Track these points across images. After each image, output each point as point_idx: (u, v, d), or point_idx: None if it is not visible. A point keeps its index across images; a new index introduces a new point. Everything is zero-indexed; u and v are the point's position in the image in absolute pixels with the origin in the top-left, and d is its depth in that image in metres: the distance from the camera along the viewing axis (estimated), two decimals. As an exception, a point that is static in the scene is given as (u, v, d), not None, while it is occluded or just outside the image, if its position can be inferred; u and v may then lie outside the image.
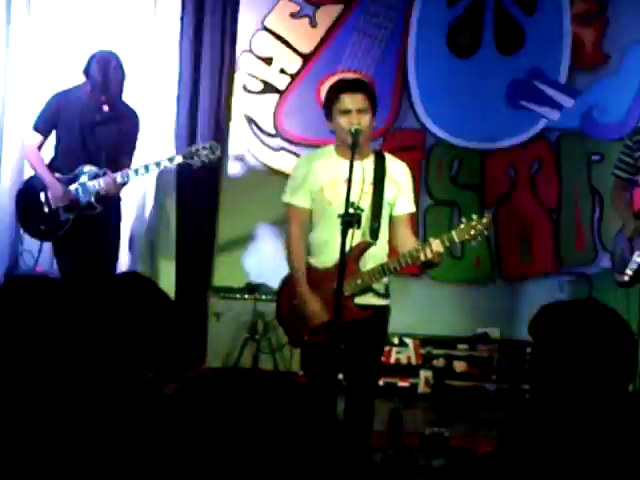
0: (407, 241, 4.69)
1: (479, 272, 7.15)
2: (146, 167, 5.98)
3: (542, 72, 7.04)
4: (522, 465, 2.39)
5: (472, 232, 4.56)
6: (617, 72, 6.95)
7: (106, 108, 6.00)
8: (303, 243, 4.79)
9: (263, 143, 7.24)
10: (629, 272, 5.46)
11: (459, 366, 6.84)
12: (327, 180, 4.69)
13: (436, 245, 4.51)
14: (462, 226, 4.57)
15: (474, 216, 4.59)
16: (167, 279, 6.94)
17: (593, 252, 6.99)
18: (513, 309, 6.99)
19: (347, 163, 4.58)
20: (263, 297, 6.71)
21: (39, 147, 6.07)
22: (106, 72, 5.90)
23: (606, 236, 6.72)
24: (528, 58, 7.05)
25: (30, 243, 6.69)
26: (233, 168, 7.18)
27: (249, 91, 7.24)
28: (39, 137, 6.06)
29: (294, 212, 4.79)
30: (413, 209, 4.84)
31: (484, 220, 4.58)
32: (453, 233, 4.57)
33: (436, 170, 7.18)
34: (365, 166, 4.64)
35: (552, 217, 7.09)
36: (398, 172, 4.78)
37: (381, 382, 5.21)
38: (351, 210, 4.39)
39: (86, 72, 5.97)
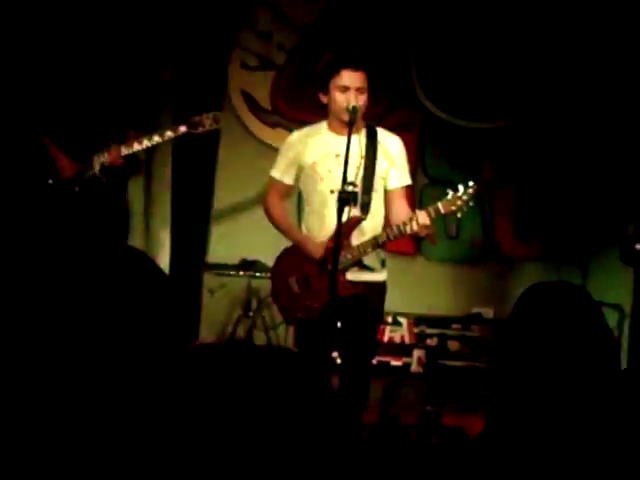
0: (402, 214, 4.67)
1: (474, 252, 7.16)
2: (150, 137, 5.96)
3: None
4: (512, 444, 2.39)
5: (458, 203, 4.55)
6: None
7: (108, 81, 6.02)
8: (282, 205, 4.84)
9: (260, 119, 7.22)
10: None
11: (452, 345, 6.85)
12: (319, 156, 4.67)
13: (422, 217, 4.49)
14: (448, 197, 4.56)
15: (460, 187, 4.57)
16: (162, 254, 6.94)
17: (588, 235, 6.99)
18: (507, 290, 7.00)
19: (338, 138, 4.58)
20: (257, 274, 6.71)
21: None
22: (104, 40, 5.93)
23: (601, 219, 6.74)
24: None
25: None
26: (229, 145, 7.16)
27: (247, 67, 7.21)
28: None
29: (276, 185, 4.83)
30: (408, 182, 4.80)
31: (470, 190, 4.57)
32: (439, 204, 4.55)
33: (433, 149, 7.17)
34: (357, 141, 4.60)
35: (549, 199, 7.08)
36: (391, 145, 4.75)
37: (374, 361, 5.20)
38: (348, 188, 4.38)
39: (84, 43, 5.97)
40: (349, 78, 4.55)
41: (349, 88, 4.54)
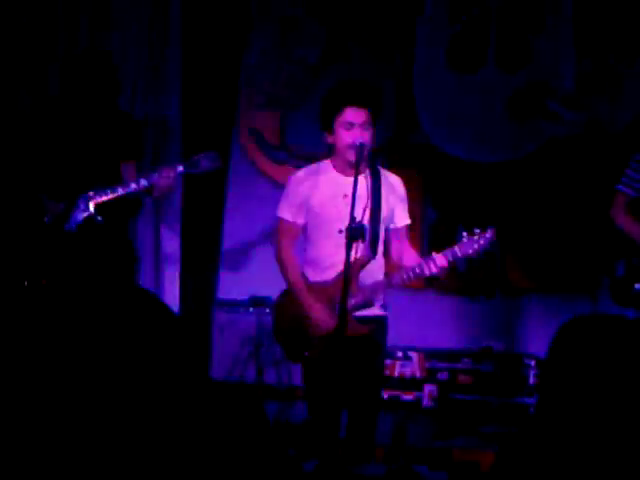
0: (410, 253, 4.69)
1: (483, 286, 7.14)
2: (148, 177, 5.91)
3: (546, 84, 7.04)
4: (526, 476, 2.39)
5: (475, 246, 4.54)
6: (623, 84, 6.95)
7: (97, 115, 5.96)
8: (294, 255, 4.79)
9: (268, 156, 7.25)
10: None
11: (463, 379, 6.83)
12: (327, 197, 4.67)
13: (440, 260, 4.50)
14: (465, 240, 4.54)
15: (477, 231, 4.56)
16: (172, 292, 6.95)
17: (598, 268, 6.98)
18: (517, 323, 6.99)
19: (345, 179, 4.60)
20: (267, 310, 6.70)
21: None
22: (97, 71, 5.85)
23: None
24: (532, 70, 7.06)
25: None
26: (238, 181, 7.19)
27: (255, 104, 7.26)
28: None
29: (286, 226, 4.78)
30: (409, 221, 4.83)
31: (487, 235, 4.55)
32: (456, 248, 4.54)
33: (440, 184, 7.18)
34: (363, 180, 4.58)
35: (557, 231, 7.08)
36: (396, 185, 4.78)
37: (385, 395, 5.19)
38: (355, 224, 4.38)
39: (74, 73, 5.91)
40: (353, 114, 4.56)
41: (354, 124, 4.56)
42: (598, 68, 7.00)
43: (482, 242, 4.53)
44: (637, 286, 5.34)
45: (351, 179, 4.48)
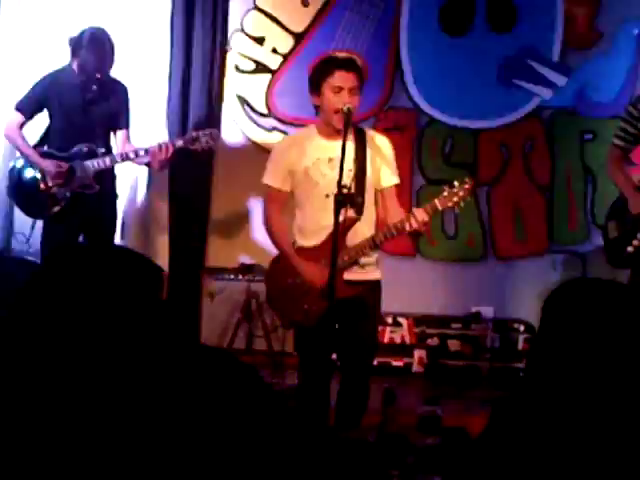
0: (396, 213, 4.69)
1: (472, 251, 7.16)
2: (146, 150, 5.99)
3: (535, 50, 7.03)
4: (514, 445, 2.39)
5: (455, 199, 4.58)
6: (610, 50, 6.94)
7: (96, 86, 5.99)
8: (282, 220, 4.81)
9: (255, 123, 7.23)
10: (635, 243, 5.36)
11: (453, 345, 6.86)
12: (311, 161, 4.68)
13: (420, 214, 4.52)
14: (445, 194, 4.59)
15: (456, 183, 4.60)
16: (161, 260, 6.94)
17: (586, 230, 7.00)
18: (506, 288, 7.00)
19: (330, 143, 4.61)
20: (257, 277, 6.71)
21: (20, 127, 6.03)
22: (98, 48, 5.91)
23: (599, 214, 6.71)
24: (521, 36, 7.04)
25: (22, 225, 6.69)
26: (226, 149, 7.16)
27: (241, 71, 7.23)
28: (20, 116, 6.02)
29: (273, 194, 4.79)
30: (398, 180, 4.82)
31: (466, 186, 4.59)
32: (436, 201, 4.58)
33: (429, 149, 7.17)
34: (348, 144, 4.53)
35: (545, 195, 7.09)
36: (381, 145, 4.77)
37: (375, 361, 5.21)
38: (343, 190, 4.38)
39: (76, 50, 5.95)
40: (342, 79, 4.57)
41: (343, 88, 4.56)
42: (586, 33, 6.99)
43: (461, 194, 4.58)
44: (629, 248, 5.38)
45: (336, 143, 4.50)
